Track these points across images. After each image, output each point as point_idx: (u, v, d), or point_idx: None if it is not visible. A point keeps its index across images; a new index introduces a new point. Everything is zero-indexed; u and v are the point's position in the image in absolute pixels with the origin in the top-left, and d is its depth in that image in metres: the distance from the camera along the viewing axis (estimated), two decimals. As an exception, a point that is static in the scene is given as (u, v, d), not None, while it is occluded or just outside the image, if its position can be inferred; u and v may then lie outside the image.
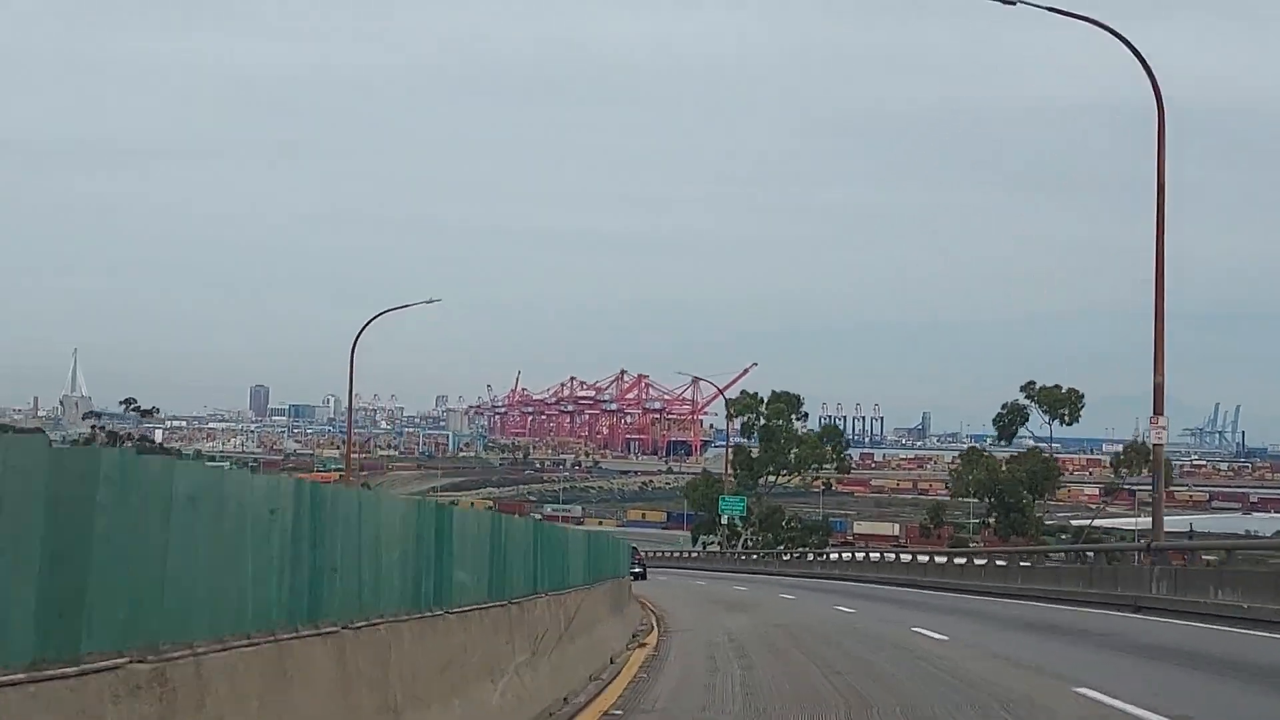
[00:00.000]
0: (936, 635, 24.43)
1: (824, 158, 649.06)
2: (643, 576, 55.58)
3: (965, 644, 22.70)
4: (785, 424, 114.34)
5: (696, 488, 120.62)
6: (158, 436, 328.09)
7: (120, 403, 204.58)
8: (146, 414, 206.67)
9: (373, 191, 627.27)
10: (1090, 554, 39.18)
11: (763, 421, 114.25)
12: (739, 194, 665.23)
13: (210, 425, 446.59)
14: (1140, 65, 32.85)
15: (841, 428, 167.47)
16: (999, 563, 43.64)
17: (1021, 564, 42.17)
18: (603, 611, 22.49)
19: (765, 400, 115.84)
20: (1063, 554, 42.94)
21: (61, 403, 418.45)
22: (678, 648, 23.81)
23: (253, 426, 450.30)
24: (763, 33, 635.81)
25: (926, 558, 52.51)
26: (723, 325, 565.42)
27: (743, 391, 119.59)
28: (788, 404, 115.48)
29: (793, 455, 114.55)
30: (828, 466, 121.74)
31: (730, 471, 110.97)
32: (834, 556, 74.40)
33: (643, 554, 70.20)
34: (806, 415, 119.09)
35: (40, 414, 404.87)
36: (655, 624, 31.95)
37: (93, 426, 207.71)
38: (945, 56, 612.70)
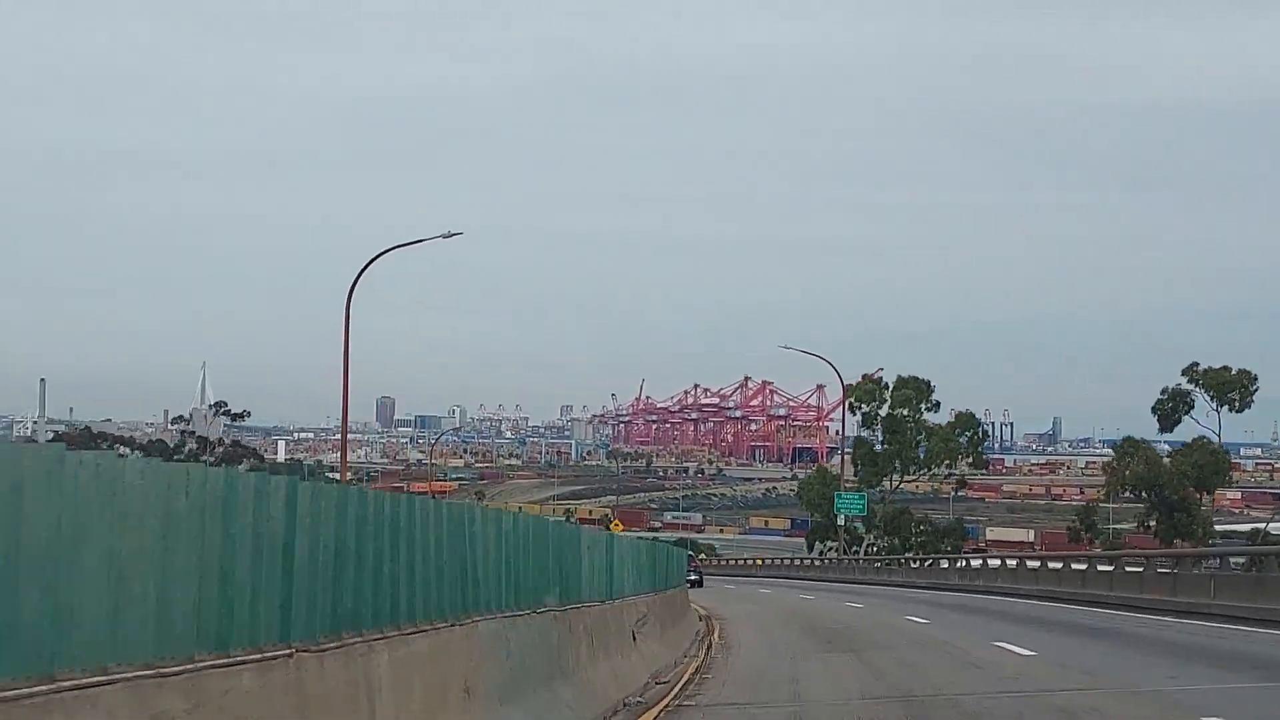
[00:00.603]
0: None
1: (915, 153, 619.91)
2: (699, 584, 55.67)
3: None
4: (913, 413, 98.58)
5: (811, 486, 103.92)
6: (281, 448, 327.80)
7: (210, 406, 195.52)
8: (237, 418, 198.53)
9: (496, 205, 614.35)
10: None
11: (887, 410, 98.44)
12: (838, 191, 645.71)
13: (337, 437, 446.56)
14: None
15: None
16: (1236, 566, 28.84)
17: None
18: (483, 692, 8.66)
19: (890, 386, 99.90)
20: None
21: (191, 415, 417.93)
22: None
23: (378, 437, 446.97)
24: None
25: (1111, 565, 37.59)
26: (840, 327, 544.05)
27: (863, 376, 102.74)
28: (916, 391, 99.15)
29: (921, 450, 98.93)
30: (960, 465, 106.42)
31: (851, 471, 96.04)
32: (975, 564, 59.96)
33: (699, 560, 72.88)
34: (938, 405, 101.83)
35: (171, 427, 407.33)
36: (684, 679, 18.39)
37: (181, 432, 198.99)
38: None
